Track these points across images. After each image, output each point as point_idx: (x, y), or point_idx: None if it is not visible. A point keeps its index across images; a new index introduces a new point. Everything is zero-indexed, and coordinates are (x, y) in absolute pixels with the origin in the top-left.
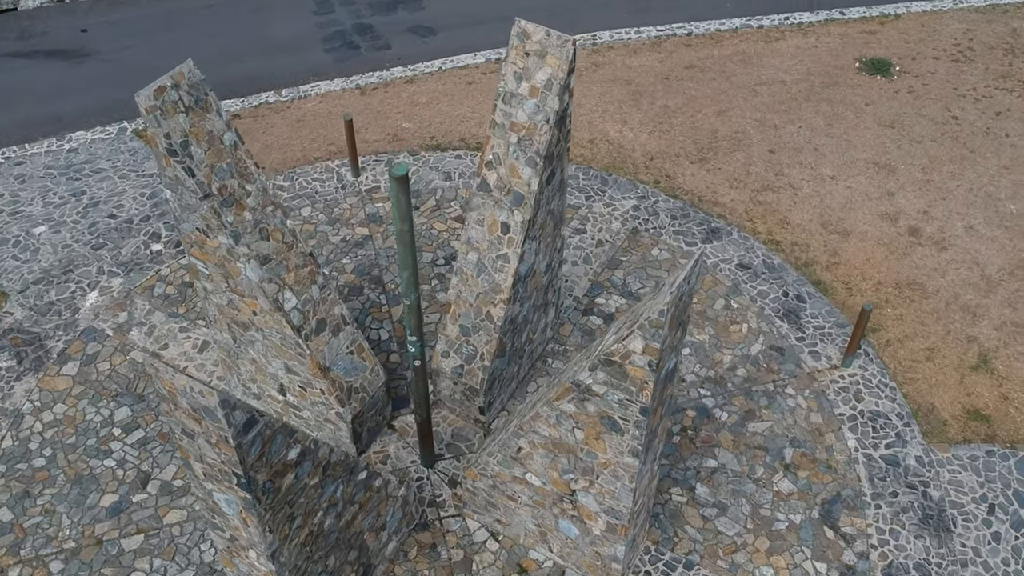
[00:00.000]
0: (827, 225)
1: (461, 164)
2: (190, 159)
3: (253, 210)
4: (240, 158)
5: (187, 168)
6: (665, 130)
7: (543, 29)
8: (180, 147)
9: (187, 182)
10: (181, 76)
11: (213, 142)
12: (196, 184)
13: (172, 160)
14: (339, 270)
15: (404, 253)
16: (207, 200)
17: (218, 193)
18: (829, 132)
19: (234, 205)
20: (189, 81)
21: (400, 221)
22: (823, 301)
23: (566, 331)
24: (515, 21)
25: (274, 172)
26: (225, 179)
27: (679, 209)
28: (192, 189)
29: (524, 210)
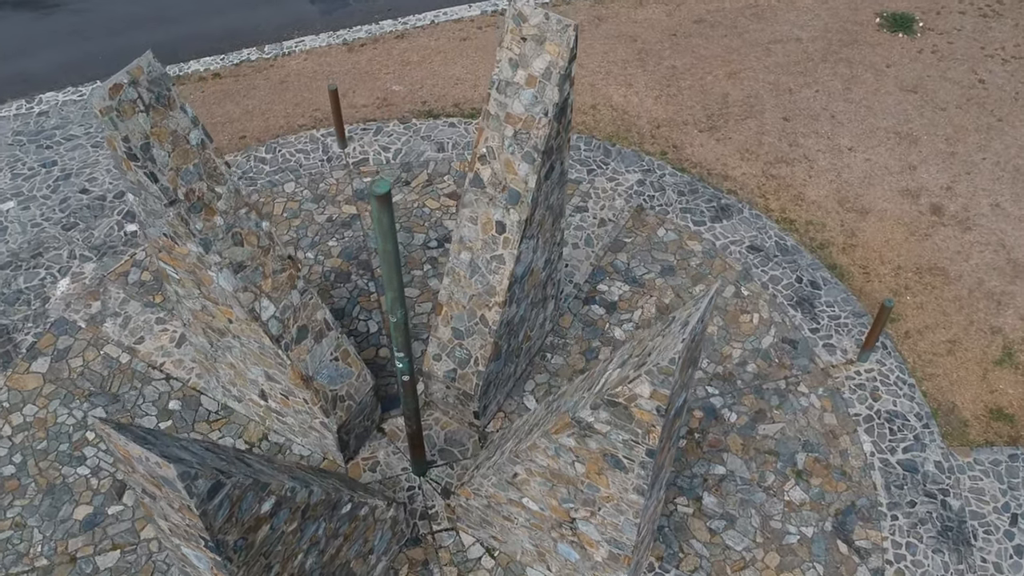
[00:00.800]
0: (844, 202)
1: (455, 133)
2: (152, 163)
3: (224, 214)
4: (208, 158)
5: (149, 173)
6: (673, 94)
7: (541, 12)
8: (141, 150)
9: (150, 187)
10: (139, 71)
11: (178, 143)
12: (160, 190)
13: (133, 164)
14: (325, 253)
15: (389, 273)
16: (173, 207)
17: (185, 198)
18: (847, 97)
19: (203, 210)
20: (149, 76)
21: (383, 241)
22: (839, 287)
23: (566, 322)
24: (510, 2)
25: (256, 142)
26: (192, 182)
27: (687, 184)
28: (156, 195)
29: (521, 209)
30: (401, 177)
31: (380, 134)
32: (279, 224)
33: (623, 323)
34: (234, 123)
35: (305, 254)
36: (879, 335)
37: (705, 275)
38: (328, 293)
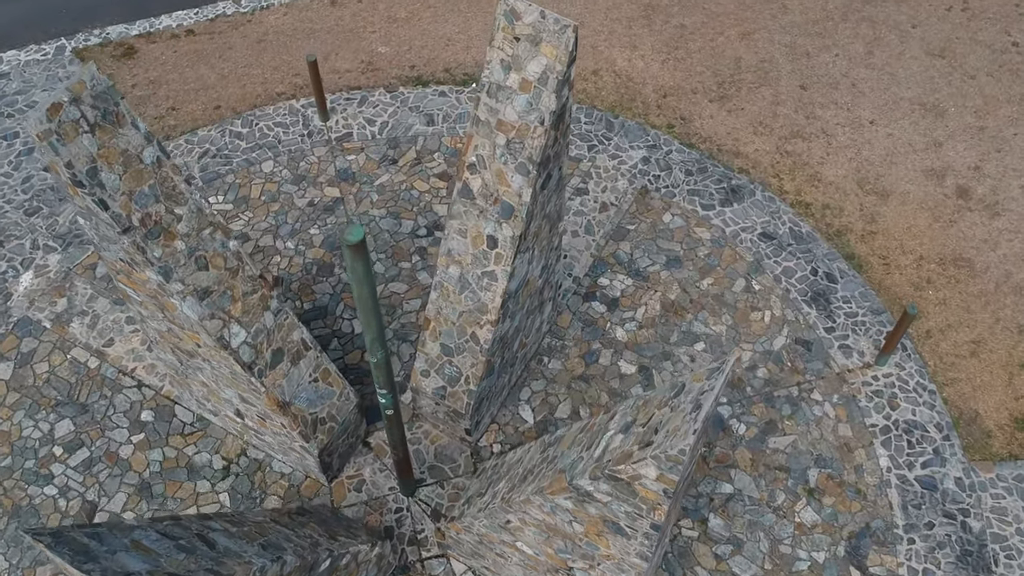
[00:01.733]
0: (864, 183)
1: (445, 104)
2: (101, 188)
3: (186, 237)
4: (166, 177)
5: (99, 200)
6: (681, 58)
7: (537, 9)
8: (88, 176)
9: (101, 215)
10: (81, 87)
11: (130, 163)
12: (112, 217)
13: (79, 191)
14: (306, 243)
15: (366, 318)
16: (127, 234)
17: (140, 224)
18: (869, 62)
19: (162, 235)
20: (93, 92)
21: (358, 286)
22: (857, 281)
23: (564, 321)
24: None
25: (232, 113)
26: (148, 206)
27: (695, 162)
28: (108, 222)
29: (514, 224)
30: (388, 155)
31: (365, 105)
32: (256, 209)
33: (625, 322)
34: (209, 90)
35: (285, 243)
36: (899, 340)
37: (714, 267)
38: (310, 288)
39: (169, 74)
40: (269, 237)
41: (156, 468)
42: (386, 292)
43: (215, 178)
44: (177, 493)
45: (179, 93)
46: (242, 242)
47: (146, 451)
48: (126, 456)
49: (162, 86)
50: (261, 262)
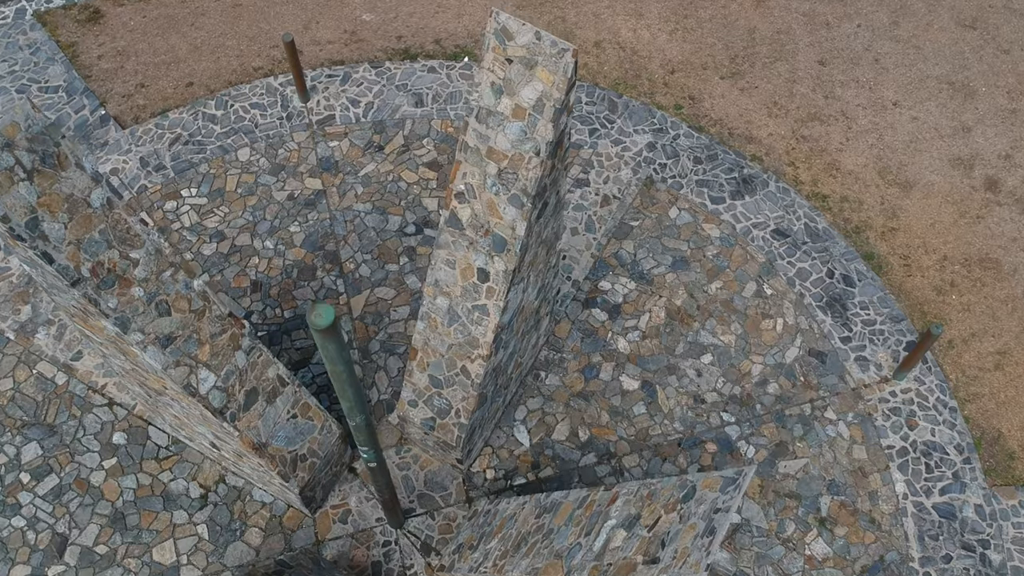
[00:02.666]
0: (885, 173)
1: (435, 81)
2: (44, 240)
3: (144, 282)
4: (119, 220)
5: (42, 253)
6: (691, 28)
7: (531, 29)
8: (28, 228)
9: (46, 268)
10: (14, 129)
11: (76, 209)
12: (59, 270)
13: (20, 245)
14: (286, 242)
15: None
16: (77, 287)
17: (92, 275)
18: (894, 34)
19: (116, 283)
20: (28, 133)
21: (331, 363)
22: (876, 284)
23: (563, 331)
24: (491, 13)
25: (205, 92)
26: (100, 253)
27: (704, 147)
28: (55, 275)
29: (507, 258)
30: (373, 141)
31: (348, 82)
32: (233, 203)
33: (628, 332)
34: (180, 64)
35: (263, 243)
36: (919, 359)
37: (723, 269)
38: (290, 294)
39: (138, 43)
40: (246, 235)
41: (130, 496)
42: (372, 298)
43: (188, 168)
44: (153, 524)
45: (148, 67)
46: (219, 240)
47: (119, 477)
48: (98, 483)
49: (130, 58)
50: (239, 264)
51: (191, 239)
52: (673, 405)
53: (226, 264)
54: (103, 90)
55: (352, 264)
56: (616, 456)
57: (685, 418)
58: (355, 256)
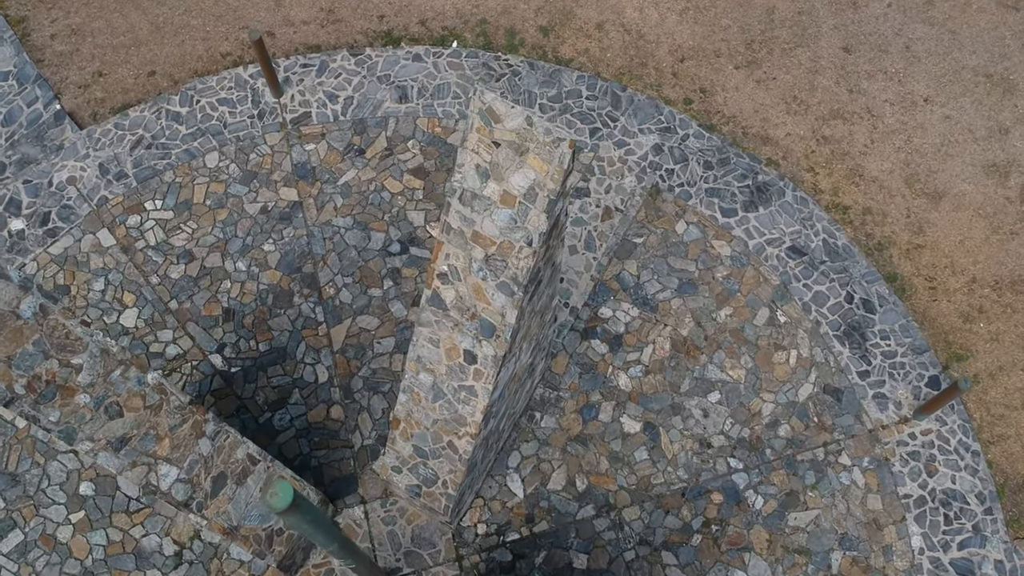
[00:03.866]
0: (913, 180)
1: (421, 71)
2: None
3: (91, 387)
4: (55, 326)
5: None
6: (703, 7)
7: (521, 113)
8: None
9: None
10: None
11: (4, 323)
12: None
13: None
14: (260, 263)
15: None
16: (11, 407)
17: (28, 390)
18: (928, 16)
19: (58, 394)
20: None
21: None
22: (898, 310)
23: (560, 366)
24: (475, 91)
25: (168, 83)
26: (35, 366)
27: (715, 150)
28: None
29: (497, 344)
30: (353, 143)
31: (325, 73)
32: (201, 218)
33: (630, 366)
34: (141, 47)
35: (236, 264)
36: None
37: (733, 293)
38: (265, 324)
39: (94, 20)
40: (217, 255)
41: (99, 554)
42: (354, 328)
43: (151, 176)
44: None
45: (106, 50)
46: (187, 261)
47: (87, 533)
48: (65, 539)
49: (86, 38)
50: (209, 288)
51: (157, 260)
52: (677, 450)
53: (196, 289)
54: (57, 78)
55: (332, 289)
56: (616, 508)
57: (690, 464)
58: (335, 280)
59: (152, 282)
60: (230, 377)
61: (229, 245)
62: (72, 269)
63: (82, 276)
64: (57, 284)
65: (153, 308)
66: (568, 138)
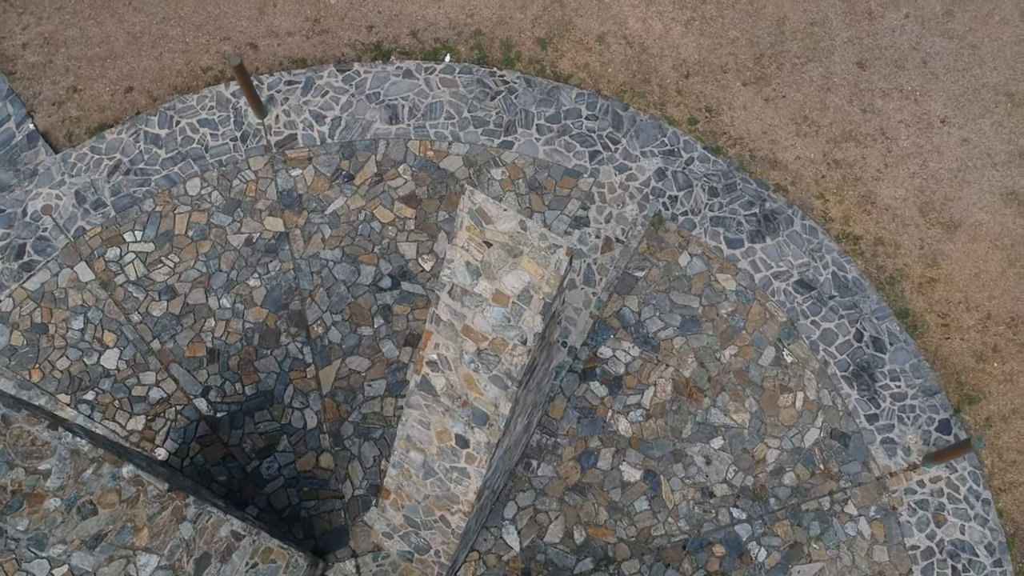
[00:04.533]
0: (927, 209)
1: (412, 89)
2: None
3: (61, 490)
4: (19, 434)
5: None
6: (710, 17)
7: (514, 216)
8: None
9: None
10: None
11: None
12: None
13: None
14: (245, 299)
15: None
16: None
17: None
18: (947, 28)
19: (26, 502)
20: None
21: None
22: (909, 348)
23: (557, 410)
24: (465, 191)
25: (148, 100)
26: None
27: (721, 174)
28: None
29: (491, 432)
30: (341, 168)
31: (311, 91)
32: (183, 250)
33: (630, 409)
34: (117, 60)
35: (220, 301)
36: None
37: (738, 331)
38: (251, 365)
39: (68, 29)
40: (200, 291)
41: None
42: (343, 370)
43: (130, 204)
44: None
45: (81, 63)
46: (169, 298)
47: None
48: None
49: (60, 48)
50: (192, 327)
51: (138, 296)
52: (679, 499)
53: (178, 328)
54: (30, 93)
55: (320, 327)
56: (615, 561)
57: (691, 515)
58: (323, 317)
59: (133, 320)
60: (216, 423)
61: (213, 280)
62: (49, 306)
63: (60, 314)
64: (34, 322)
65: (135, 348)
66: (565, 246)
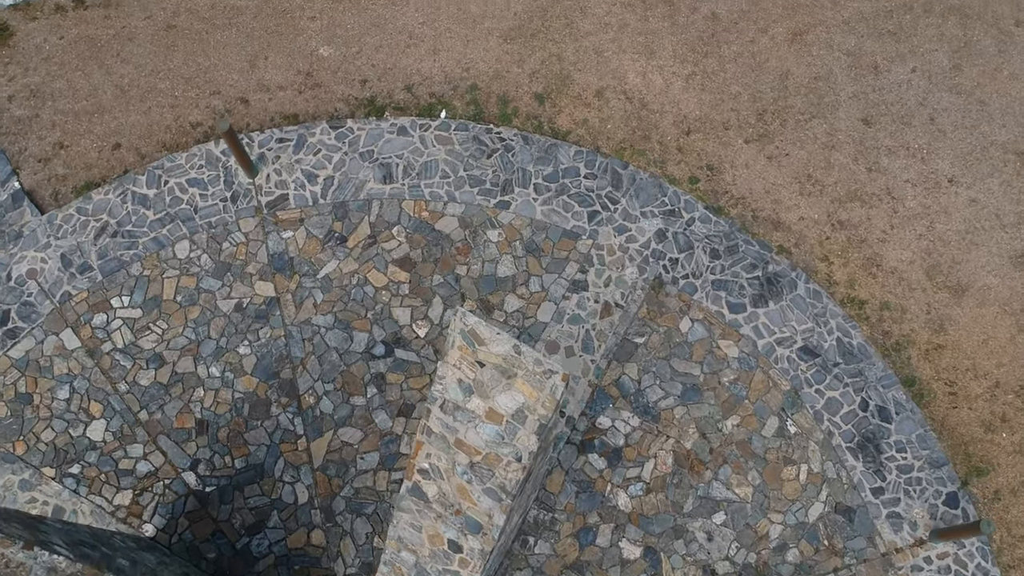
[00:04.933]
0: (934, 272)
1: (407, 147)
2: None
3: None
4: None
5: None
6: (711, 71)
7: (508, 340)
8: None
9: None
10: None
11: None
12: None
13: None
14: (235, 367)
15: None
16: None
17: None
18: (955, 83)
19: None
20: None
21: None
22: (915, 418)
23: (555, 484)
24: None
25: (136, 157)
26: None
27: (723, 236)
28: None
29: (484, 540)
30: (334, 230)
31: (303, 149)
32: (172, 316)
33: (630, 483)
34: (105, 114)
35: (209, 369)
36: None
37: (741, 400)
38: (241, 438)
39: (55, 80)
40: (189, 359)
41: None
42: (335, 442)
43: (117, 268)
44: None
45: (68, 117)
46: (157, 366)
47: None
48: None
49: (46, 102)
50: (181, 397)
51: (125, 364)
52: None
53: (167, 398)
54: (16, 149)
55: (312, 397)
56: None
57: None
58: (315, 386)
59: (120, 390)
60: (205, 497)
61: (202, 348)
62: (34, 375)
63: (45, 383)
64: (19, 392)
65: (122, 419)
66: (561, 372)
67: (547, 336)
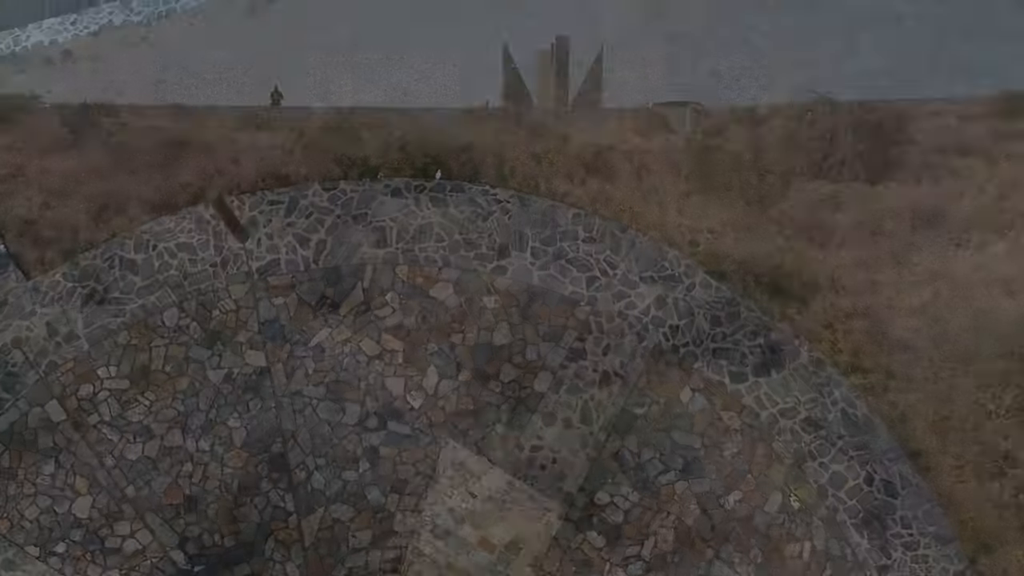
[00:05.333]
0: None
1: (401, 209)
2: None
3: None
4: None
5: None
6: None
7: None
8: None
9: None
10: None
11: None
12: None
13: None
14: (224, 441)
15: None
16: None
17: None
18: None
19: None
20: None
21: None
22: (922, 492)
23: (551, 564)
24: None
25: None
26: None
27: (724, 303)
28: None
29: None
30: (326, 296)
31: (295, 212)
32: (160, 388)
33: (629, 562)
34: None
35: (198, 443)
36: None
37: (743, 474)
38: (230, 515)
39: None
40: (177, 433)
41: None
42: (327, 520)
43: (104, 337)
44: None
45: (54, 179)
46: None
47: None
48: None
49: (32, 160)
50: (169, 472)
51: (112, 438)
52: None
53: (154, 473)
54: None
55: (303, 472)
56: None
57: None
58: (306, 461)
59: (107, 464)
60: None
61: (190, 420)
62: (19, 449)
63: (30, 457)
64: (2, 467)
65: (108, 495)
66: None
67: (544, 408)
